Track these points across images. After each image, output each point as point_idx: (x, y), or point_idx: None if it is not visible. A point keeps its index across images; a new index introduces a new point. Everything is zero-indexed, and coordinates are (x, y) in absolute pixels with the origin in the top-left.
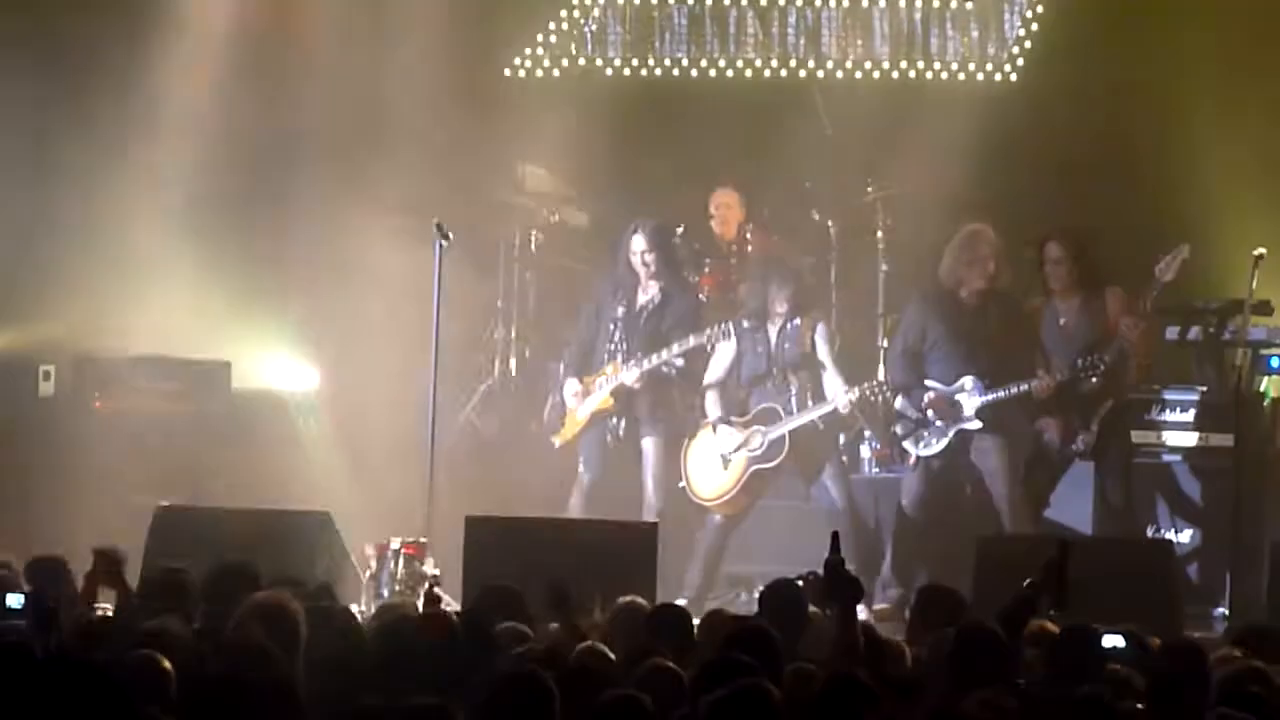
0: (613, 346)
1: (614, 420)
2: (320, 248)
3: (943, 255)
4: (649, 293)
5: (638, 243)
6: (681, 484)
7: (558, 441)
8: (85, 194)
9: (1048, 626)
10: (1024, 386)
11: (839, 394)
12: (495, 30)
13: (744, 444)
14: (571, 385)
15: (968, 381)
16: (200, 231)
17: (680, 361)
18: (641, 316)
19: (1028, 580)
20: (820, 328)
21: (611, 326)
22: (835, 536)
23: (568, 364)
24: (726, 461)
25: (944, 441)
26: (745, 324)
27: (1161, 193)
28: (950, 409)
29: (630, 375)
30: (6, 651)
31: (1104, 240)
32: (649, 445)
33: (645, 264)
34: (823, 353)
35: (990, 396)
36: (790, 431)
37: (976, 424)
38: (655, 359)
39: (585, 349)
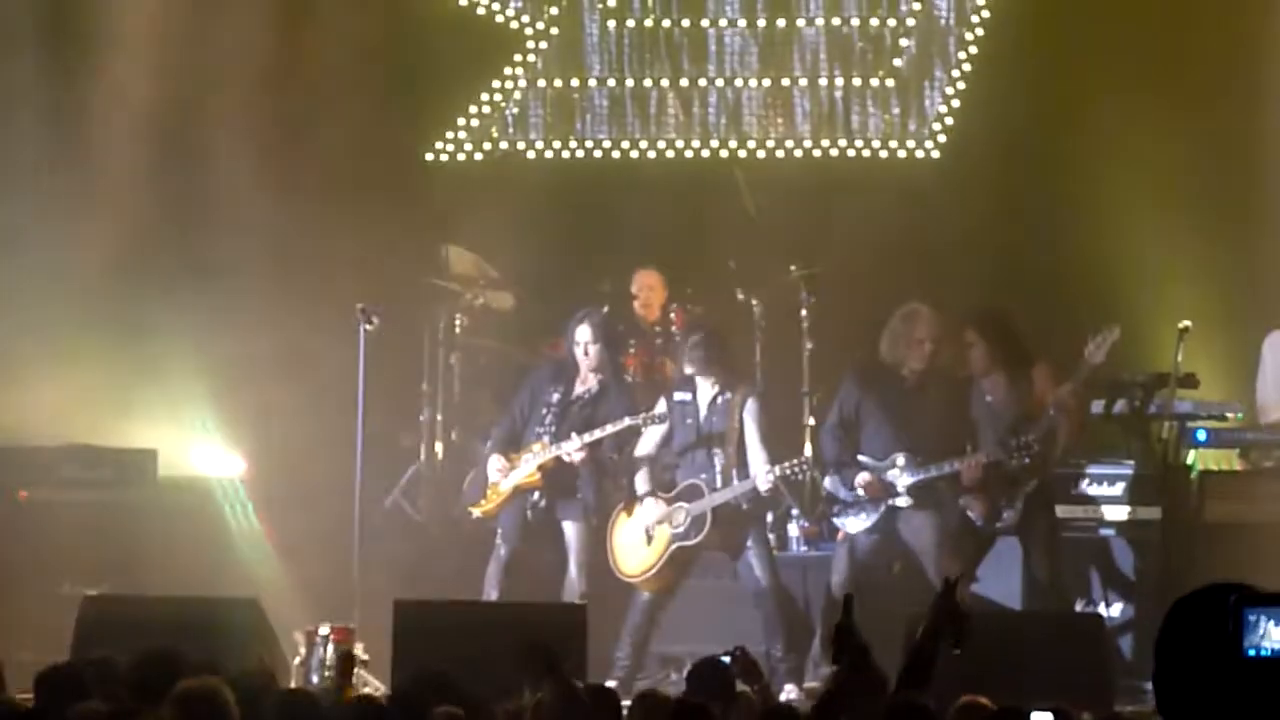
0: (541, 430)
1: (535, 496)
2: (244, 333)
3: (875, 333)
4: (587, 383)
5: (582, 333)
6: (609, 562)
7: (476, 513)
8: (4, 279)
9: (981, 702)
10: (955, 466)
11: (760, 472)
12: (415, 115)
13: (667, 519)
14: (496, 461)
15: (900, 459)
16: (122, 319)
17: (616, 454)
18: (576, 405)
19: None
20: (750, 404)
21: (544, 411)
22: (849, 600)
23: (495, 440)
24: (650, 537)
25: (874, 518)
26: (675, 396)
27: (1088, 267)
28: (882, 486)
29: (570, 446)
30: None
31: (1032, 315)
32: (570, 529)
33: (587, 355)
34: (750, 429)
35: (923, 475)
36: (713, 509)
37: (907, 500)
38: (589, 436)
39: (515, 429)
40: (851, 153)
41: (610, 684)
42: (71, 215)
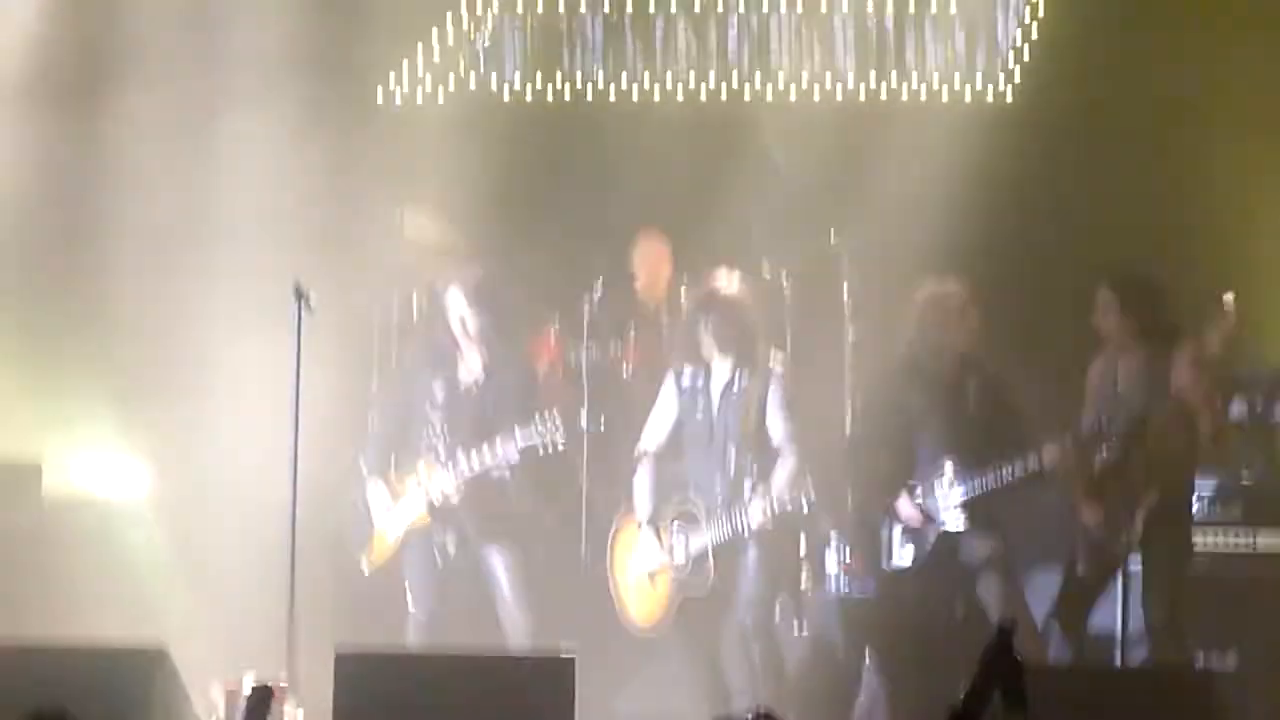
0: (429, 440)
1: (440, 536)
2: (150, 323)
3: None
4: (473, 369)
5: (455, 300)
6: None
7: (366, 566)
8: None
9: None
10: (1018, 467)
11: (765, 498)
12: (362, 48)
13: (667, 563)
14: (376, 489)
15: (949, 468)
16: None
17: (515, 459)
18: (467, 398)
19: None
20: (774, 392)
21: (428, 409)
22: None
23: (370, 461)
24: (654, 577)
25: (925, 547)
26: (684, 379)
27: (1193, 231)
28: (931, 506)
29: (446, 482)
30: None
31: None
32: (498, 564)
33: (465, 329)
34: (775, 427)
35: (977, 485)
36: (714, 547)
37: (961, 521)
38: (476, 462)
39: (390, 443)
40: (904, 93)
41: None
42: None
